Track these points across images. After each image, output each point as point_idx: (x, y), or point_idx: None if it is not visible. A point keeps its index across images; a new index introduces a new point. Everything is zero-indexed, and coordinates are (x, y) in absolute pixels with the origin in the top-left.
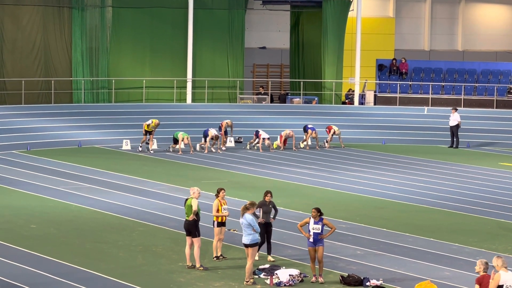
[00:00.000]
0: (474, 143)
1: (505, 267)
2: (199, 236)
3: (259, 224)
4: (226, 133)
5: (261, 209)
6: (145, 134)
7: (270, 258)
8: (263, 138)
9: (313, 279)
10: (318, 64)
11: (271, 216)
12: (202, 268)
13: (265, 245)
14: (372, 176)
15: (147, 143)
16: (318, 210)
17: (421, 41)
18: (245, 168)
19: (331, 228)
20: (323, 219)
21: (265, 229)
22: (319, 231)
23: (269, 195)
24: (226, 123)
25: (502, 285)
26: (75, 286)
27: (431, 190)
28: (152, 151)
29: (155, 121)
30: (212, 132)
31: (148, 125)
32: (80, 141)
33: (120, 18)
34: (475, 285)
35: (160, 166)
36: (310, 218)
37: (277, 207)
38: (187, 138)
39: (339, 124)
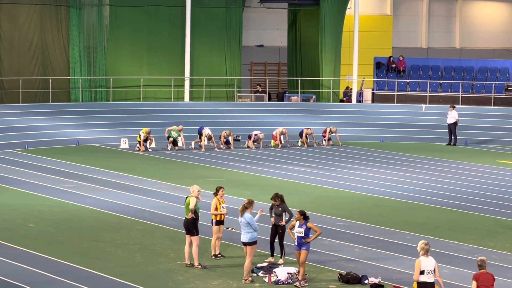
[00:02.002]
0: (472, 141)
1: (427, 255)
2: (197, 234)
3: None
4: (227, 142)
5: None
6: (142, 145)
7: (280, 260)
8: (255, 135)
9: (297, 283)
10: (316, 62)
11: (284, 218)
12: (200, 266)
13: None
14: (370, 174)
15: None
16: (301, 213)
17: (419, 39)
18: (243, 166)
19: (316, 232)
20: (307, 222)
21: (275, 231)
22: (302, 235)
23: (273, 199)
24: (225, 132)
25: (423, 270)
26: (74, 284)
27: (429, 187)
28: (150, 149)
29: (145, 130)
30: (207, 131)
31: (140, 136)
32: (78, 139)
33: (118, 17)
34: (472, 281)
35: (158, 164)
36: (296, 221)
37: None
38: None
39: (337, 122)
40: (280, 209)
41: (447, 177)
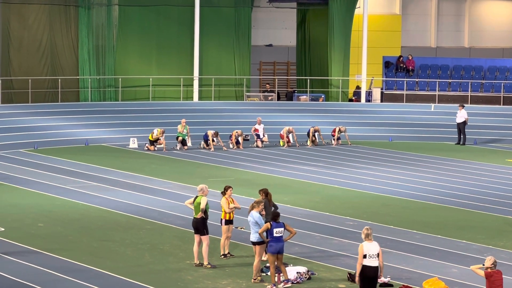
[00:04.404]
0: (481, 140)
1: (369, 239)
2: (207, 234)
3: None
4: (237, 142)
5: None
6: (151, 144)
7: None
8: (256, 130)
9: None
10: (325, 62)
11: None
12: (209, 266)
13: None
14: (379, 173)
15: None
16: (272, 214)
17: (428, 38)
18: (252, 165)
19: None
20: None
21: None
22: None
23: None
24: (237, 132)
25: (366, 255)
26: (83, 284)
27: (438, 187)
28: (156, 148)
29: (159, 130)
30: (211, 132)
31: (152, 135)
32: (87, 139)
33: (127, 16)
34: (480, 268)
35: (167, 164)
36: None
37: (277, 205)
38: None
39: (346, 122)
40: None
41: (456, 177)
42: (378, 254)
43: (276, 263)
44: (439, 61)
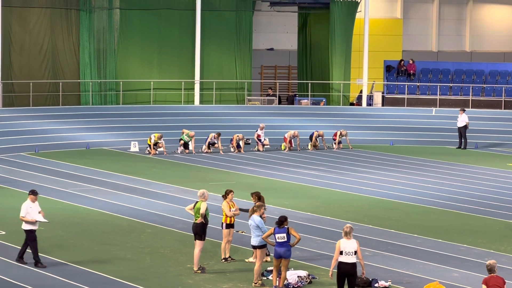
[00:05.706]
0: (482, 144)
1: (348, 237)
2: (204, 239)
3: None
4: (238, 146)
5: None
6: (153, 148)
7: (268, 258)
8: (258, 135)
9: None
10: (326, 66)
11: None
12: (200, 271)
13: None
14: (380, 177)
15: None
16: (279, 218)
17: (429, 42)
18: (253, 169)
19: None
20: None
21: None
22: None
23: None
24: (238, 136)
25: (342, 251)
26: None
27: (439, 191)
28: (157, 152)
29: (156, 135)
30: (212, 134)
31: (151, 139)
32: (88, 143)
33: (128, 20)
34: (482, 285)
35: (168, 168)
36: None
37: (266, 206)
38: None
39: (347, 126)
40: None
41: (457, 181)
42: (355, 252)
43: (281, 267)
44: (440, 65)
